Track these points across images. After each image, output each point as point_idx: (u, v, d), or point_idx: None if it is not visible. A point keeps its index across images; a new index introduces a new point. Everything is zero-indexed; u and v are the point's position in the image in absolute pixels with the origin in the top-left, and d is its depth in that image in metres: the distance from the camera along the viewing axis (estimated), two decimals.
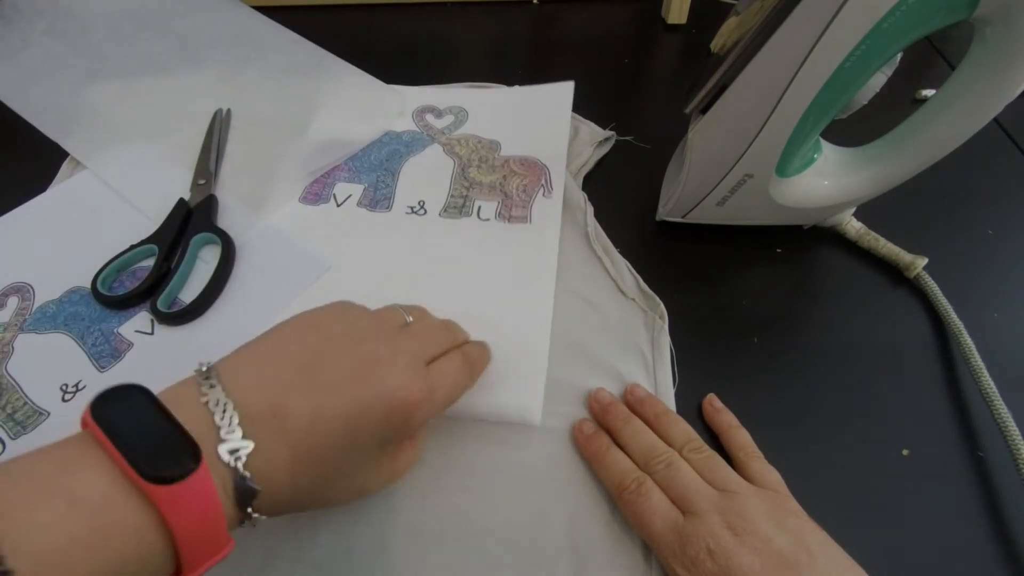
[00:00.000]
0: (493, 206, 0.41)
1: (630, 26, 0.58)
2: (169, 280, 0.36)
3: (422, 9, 0.60)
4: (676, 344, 0.34)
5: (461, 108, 0.48)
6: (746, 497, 0.26)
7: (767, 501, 0.26)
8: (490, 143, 0.45)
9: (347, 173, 0.43)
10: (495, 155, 0.44)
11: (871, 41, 0.26)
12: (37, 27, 0.52)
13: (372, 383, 0.22)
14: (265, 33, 0.53)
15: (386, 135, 0.46)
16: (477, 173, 0.43)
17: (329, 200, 0.41)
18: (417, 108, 0.48)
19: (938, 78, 0.49)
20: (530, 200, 0.41)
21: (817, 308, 0.36)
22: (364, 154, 0.45)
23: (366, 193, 0.42)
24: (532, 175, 0.42)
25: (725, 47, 0.30)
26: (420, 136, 0.46)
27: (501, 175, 0.43)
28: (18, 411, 0.32)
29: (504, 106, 0.48)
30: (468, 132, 0.46)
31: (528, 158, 0.44)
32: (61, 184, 0.43)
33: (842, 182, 0.35)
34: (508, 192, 0.41)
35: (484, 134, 0.46)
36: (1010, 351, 0.33)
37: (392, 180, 0.43)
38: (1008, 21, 0.26)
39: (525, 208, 0.40)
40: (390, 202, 0.41)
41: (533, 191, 0.41)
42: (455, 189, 0.42)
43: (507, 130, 0.46)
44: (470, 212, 0.40)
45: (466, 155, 0.44)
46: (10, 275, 0.37)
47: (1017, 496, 0.29)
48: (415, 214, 0.40)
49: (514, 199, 0.41)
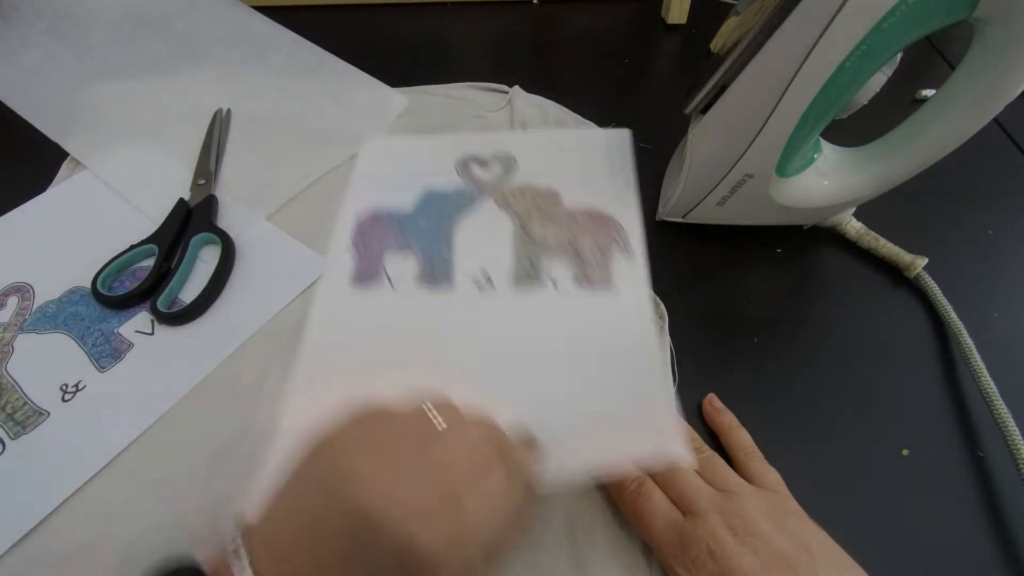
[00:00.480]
0: (568, 270, 0.36)
1: (630, 26, 0.58)
2: (169, 280, 0.36)
3: (422, 9, 0.60)
4: (676, 344, 0.34)
5: (508, 155, 0.43)
6: (746, 497, 0.26)
7: (767, 501, 0.26)
8: (548, 193, 0.40)
9: (396, 245, 0.38)
10: (557, 207, 0.40)
11: (871, 41, 0.26)
12: (37, 27, 0.52)
13: (379, 540, 0.19)
14: (265, 33, 0.53)
15: (430, 193, 0.41)
16: (541, 230, 0.38)
17: (382, 280, 0.37)
18: (459, 159, 0.43)
19: (938, 78, 0.49)
20: (608, 262, 0.36)
21: (817, 308, 0.36)
22: (411, 218, 0.39)
23: (422, 268, 0.37)
24: (603, 231, 0.38)
25: (725, 47, 0.30)
26: (469, 191, 0.41)
27: (568, 230, 0.38)
28: (18, 411, 0.32)
29: (555, 150, 0.44)
30: (521, 182, 0.42)
31: (595, 211, 0.39)
32: (61, 184, 0.43)
33: (842, 182, 0.35)
34: (580, 252, 0.37)
35: (538, 182, 0.41)
36: (1010, 351, 0.33)
37: (447, 247, 0.38)
38: (1008, 21, 0.26)
39: (604, 272, 0.36)
40: (450, 276, 0.36)
41: (609, 250, 0.37)
42: (520, 252, 0.37)
43: (563, 177, 0.41)
44: (544, 280, 0.36)
45: (524, 209, 0.39)
46: (10, 275, 0.37)
47: (1017, 496, 0.28)
48: (482, 288, 0.36)
49: (589, 261, 0.36)
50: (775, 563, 0.23)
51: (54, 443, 0.31)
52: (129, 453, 0.30)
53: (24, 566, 0.27)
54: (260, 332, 0.35)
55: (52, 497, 0.29)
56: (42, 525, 0.28)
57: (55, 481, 0.29)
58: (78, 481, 0.29)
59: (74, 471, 0.30)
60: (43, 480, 0.29)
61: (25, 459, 0.30)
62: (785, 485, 0.28)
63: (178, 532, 0.28)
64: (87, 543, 0.28)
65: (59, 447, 0.31)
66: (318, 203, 0.42)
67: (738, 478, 0.27)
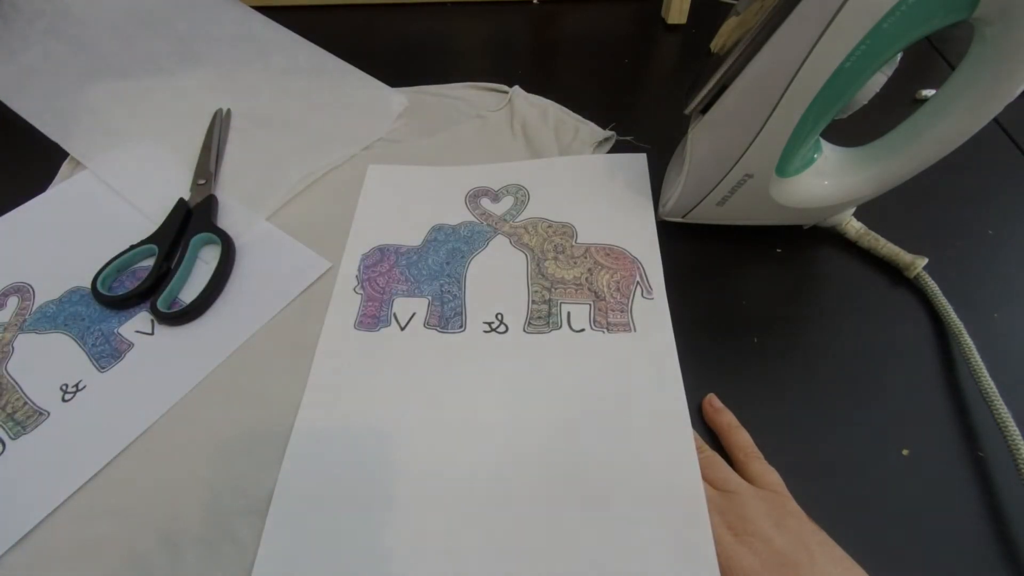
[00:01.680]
0: (585, 311, 0.34)
1: (630, 26, 0.58)
2: (169, 280, 0.36)
3: (422, 9, 0.60)
4: (676, 344, 0.33)
5: (519, 187, 0.42)
6: (746, 497, 0.26)
7: (767, 501, 0.26)
8: (563, 227, 0.39)
9: (405, 285, 0.37)
10: (572, 242, 0.38)
11: (871, 41, 0.26)
12: (37, 27, 0.52)
13: None
14: (265, 33, 0.53)
15: (440, 231, 0.39)
16: (555, 267, 0.37)
17: (390, 323, 0.35)
18: (469, 192, 0.41)
19: (938, 78, 0.49)
20: (628, 301, 0.35)
21: (817, 308, 0.36)
22: (420, 258, 0.38)
23: (432, 309, 0.35)
24: (622, 268, 0.36)
25: (725, 47, 0.30)
26: (480, 228, 0.39)
27: (585, 268, 0.36)
28: (18, 411, 0.32)
29: (568, 180, 0.42)
30: (534, 215, 0.40)
31: (613, 247, 0.38)
32: (61, 184, 0.43)
33: (842, 182, 0.35)
34: (598, 291, 0.35)
35: (552, 216, 0.40)
36: (1010, 351, 0.33)
37: (459, 288, 0.36)
38: (1008, 21, 0.26)
39: (624, 313, 0.34)
40: (462, 319, 0.35)
41: (629, 290, 0.35)
42: (535, 292, 0.36)
43: (578, 210, 0.40)
44: (559, 323, 0.34)
45: (538, 245, 0.38)
46: (10, 275, 0.37)
47: (1017, 496, 0.28)
48: (495, 332, 0.34)
49: (608, 301, 0.35)
50: (775, 563, 0.24)
51: (54, 443, 0.31)
52: (129, 453, 0.30)
53: (24, 566, 0.27)
54: (260, 332, 0.35)
55: (52, 497, 0.29)
56: (42, 525, 0.28)
57: (55, 481, 0.29)
58: (78, 481, 0.29)
59: (74, 471, 0.30)
60: (43, 480, 0.29)
61: (25, 459, 0.30)
62: (785, 485, 0.28)
63: (178, 532, 0.28)
64: (87, 543, 0.28)
65: (59, 447, 0.31)
66: (318, 203, 0.42)
67: (738, 478, 0.27)
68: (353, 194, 0.42)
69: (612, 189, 0.41)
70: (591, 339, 0.33)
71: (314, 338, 0.34)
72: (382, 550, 0.27)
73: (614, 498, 0.28)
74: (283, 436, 0.30)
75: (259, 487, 0.29)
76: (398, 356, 0.34)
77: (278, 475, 0.29)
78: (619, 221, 0.39)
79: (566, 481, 0.28)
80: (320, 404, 0.32)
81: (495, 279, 0.37)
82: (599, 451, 0.29)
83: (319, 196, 0.42)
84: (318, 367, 0.33)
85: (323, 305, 0.36)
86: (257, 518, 0.28)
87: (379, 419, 0.31)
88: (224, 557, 0.27)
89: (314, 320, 0.35)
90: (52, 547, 0.28)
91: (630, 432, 0.30)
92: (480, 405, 0.31)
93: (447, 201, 0.41)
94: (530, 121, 0.46)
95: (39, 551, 0.28)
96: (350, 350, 0.34)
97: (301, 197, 0.42)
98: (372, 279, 0.37)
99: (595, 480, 0.28)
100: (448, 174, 0.43)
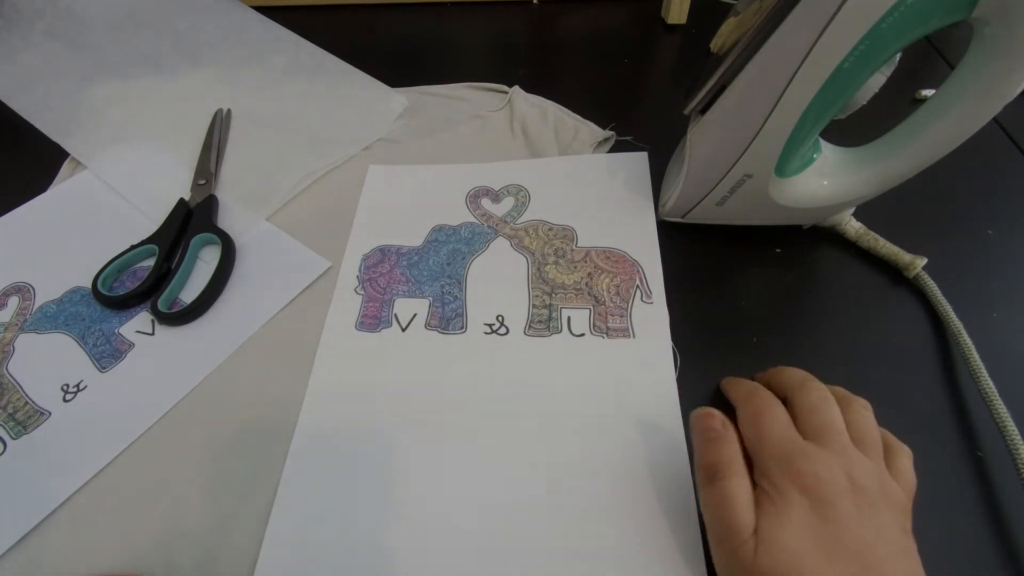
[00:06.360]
0: (584, 315, 0.35)
1: (630, 26, 0.58)
2: (169, 280, 0.36)
3: (422, 9, 0.60)
4: (676, 344, 0.34)
5: (520, 187, 0.42)
6: (879, 473, 0.25)
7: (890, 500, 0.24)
8: (563, 230, 0.39)
9: (406, 286, 0.37)
10: (572, 246, 0.38)
11: (870, 41, 0.26)
12: (37, 27, 0.52)
13: None
14: (265, 33, 0.53)
15: (441, 231, 0.39)
16: (556, 271, 0.37)
17: (391, 323, 0.35)
18: (470, 192, 0.42)
19: (938, 78, 0.49)
20: (627, 306, 0.35)
21: (817, 308, 0.36)
22: (421, 259, 0.38)
23: (433, 310, 0.35)
24: (622, 272, 0.36)
25: (725, 47, 0.30)
26: (480, 229, 0.39)
27: (585, 272, 0.37)
28: (19, 411, 0.32)
29: (568, 181, 0.42)
30: (535, 217, 0.40)
31: (612, 250, 0.38)
32: (61, 184, 0.43)
33: (842, 182, 0.35)
34: (598, 296, 0.35)
35: (553, 218, 0.40)
36: (1010, 351, 0.33)
37: (459, 290, 0.36)
38: (1008, 21, 0.26)
39: (623, 318, 0.34)
40: (463, 320, 0.35)
41: (628, 294, 0.35)
42: (535, 296, 0.36)
43: (579, 212, 0.40)
44: (559, 327, 0.34)
45: (539, 249, 0.38)
46: (10, 275, 0.38)
47: (1017, 496, 0.28)
48: (496, 333, 0.34)
49: (608, 305, 0.35)
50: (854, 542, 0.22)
51: (55, 443, 0.31)
52: (130, 453, 0.31)
53: (24, 566, 0.27)
54: (260, 332, 0.35)
55: (52, 497, 0.29)
56: (42, 525, 0.28)
57: (55, 481, 0.29)
58: (78, 481, 0.29)
59: (74, 471, 0.30)
60: (43, 480, 0.30)
61: (26, 459, 0.30)
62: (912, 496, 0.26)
63: (179, 533, 0.28)
64: (87, 543, 0.28)
65: (60, 447, 0.31)
66: (318, 203, 0.42)
67: (878, 441, 0.26)
68: (353, 194, 0.42)
69: (612, 189, 0.41)
70: (591, 344, 0.34)
71: (315, 338, 0.34)
72: (384, 550, 0.27)
73: (608, 501, 0.28)
74: (284, 437, 0.31)
75: (260, 488, 0.29)
76: (399, 357, 0.34)
77: (280, 476, 0.29)
78: (619, 222, 0.39)
79: (563, 483, 0.29)
80: (321, 405, 0.32)
81: (495, 281, 0.37)
82: (596, 454, 0.30)
83: (319, 196, 0.42)
84: (319, 368, 0.33)
85: (324, 305, 0.36)
86: (258, 519, 0.28)
87: (380, 420, 0.31)
88: (225, 558, 0.27)
89: (315, 320, 0.35)
90: (52, 547, 0.28)
91: (624, 438, 0.30)
92: (480, 406, 0.32)
93: (448, 201, 0.41)
94: (530, 121, 0.46)
95: (39, 551, 0.28)
96: (351, 351, 0.34)
97: (301, 197, 0.42)
98: (373, 279, 0.37)
99: (591, 483, 0.29)
100: (448, 174, 0.43)
